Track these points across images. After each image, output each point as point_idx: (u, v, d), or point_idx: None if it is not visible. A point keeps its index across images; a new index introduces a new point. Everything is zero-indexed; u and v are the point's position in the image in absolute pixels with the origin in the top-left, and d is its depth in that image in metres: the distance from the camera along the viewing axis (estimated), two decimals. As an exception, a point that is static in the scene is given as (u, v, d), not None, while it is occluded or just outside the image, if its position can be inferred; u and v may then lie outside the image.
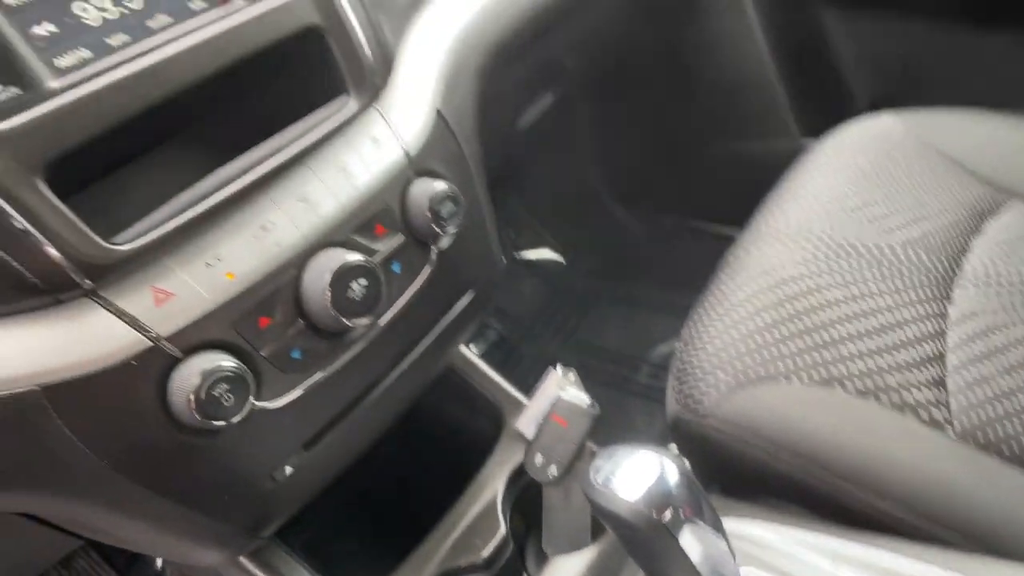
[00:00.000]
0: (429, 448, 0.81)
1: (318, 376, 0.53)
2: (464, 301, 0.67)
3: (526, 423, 0.72)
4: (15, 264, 0.40)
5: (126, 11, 0.47)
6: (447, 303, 0.65)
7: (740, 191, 1.05)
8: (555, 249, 1.73)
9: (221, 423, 0.46)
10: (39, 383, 0.42)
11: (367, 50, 0.56)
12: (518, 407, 0.76)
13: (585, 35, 1.12)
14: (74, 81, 0.43)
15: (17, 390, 0.42)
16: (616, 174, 1.56)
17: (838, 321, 0.69)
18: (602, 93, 1.40)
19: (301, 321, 0.51)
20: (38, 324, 0.42)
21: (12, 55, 0.41)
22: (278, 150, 0.50)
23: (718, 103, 1.32)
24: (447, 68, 0.66)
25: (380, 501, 0.82)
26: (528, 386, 0.76)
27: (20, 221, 0.40)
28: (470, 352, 0.81)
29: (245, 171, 0.49)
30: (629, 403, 1.32)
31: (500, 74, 0.76)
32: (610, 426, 0.75)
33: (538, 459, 0.69)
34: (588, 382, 0.74)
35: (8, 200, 0.39)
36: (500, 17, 0.72)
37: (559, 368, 0.74)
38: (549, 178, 1.59)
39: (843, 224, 0.79)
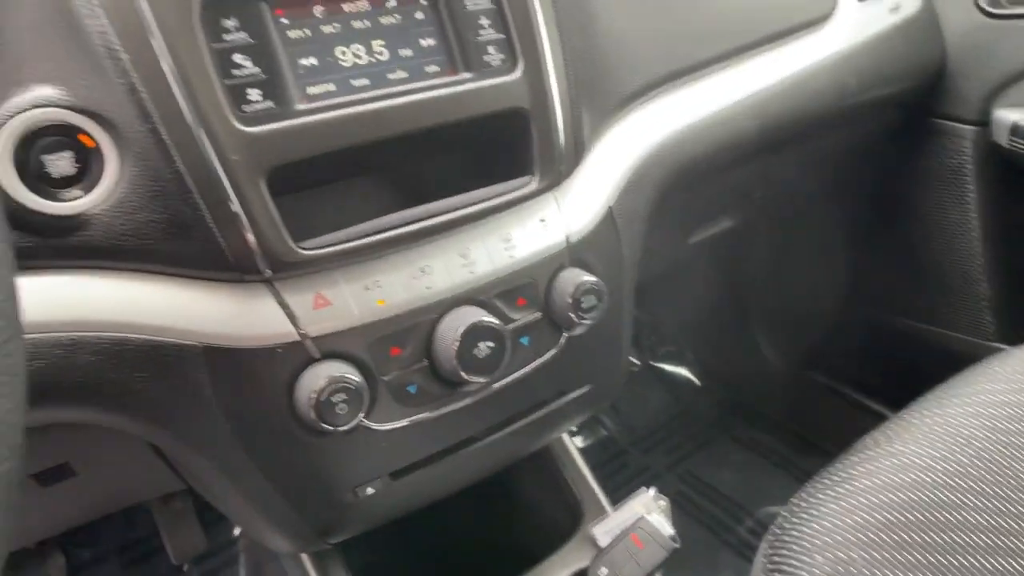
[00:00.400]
0: (501, 521, 0.81)
1: (424, 415, 0.57)
2: (579, 393, 0.68)
3: (603, 531, 0.70)
4: (220, 240, 0.48)
5: (373, 61, 0.55)
6: (561, 390, 0.67)
7: (906, 373, 0.98)
8: (692, 369, 1.69)
9: (329, 427, 0.50)
10: (202, 342, 0.49)
11: (562, 141, 0.61)
12: (600, 512, 0.75)
13: (786, 172, 1.12)
14: (317, 107, 0.51)
15: (184, 342, 0.49)
16: (776, 315, 1.51)
17: (975, 551, 0.62)
18: (786, 231, 1.37)
19: (426, 361, 0.56)
20: (217, 294, 0.50)
21: (279, 77, 0.50)
22: (456, 208, 0.56)
23: (910, 275, 1.24)
24: (630, 173, 0.69)
25: (438, 553, 0.83)
26: (619, 496, 0.75)
27: (237, 207, 0.47)
28: (571, 442, 0.81)
29: (423, 218, 0.54)
30: (719, 553, 1.24)
31: (682, 190, 0.79)
32: (690, 568, 0.72)
33: (602, 571, 0.67)
34: (684, 516, 0.72)
35: (234, 188, 0.47)
36: (697, 142, 0.75)
37: (652, 491, 0.73)
38: (706, 298, 1.58)
39: (1013, 447, 0.71)
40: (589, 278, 0.61)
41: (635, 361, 1.69)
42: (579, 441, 1.50)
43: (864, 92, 0.95)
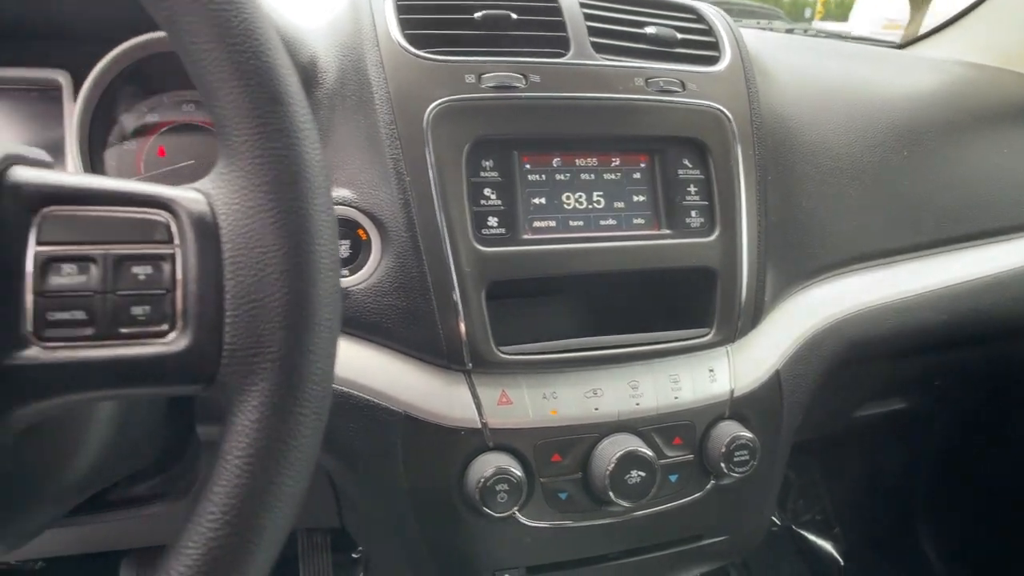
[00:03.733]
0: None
1: (569, 522, 0.63)
2: (714, 540, 0.70)
3: None
4: (440, 331, 0.58)
5: (590, 207, 0.64)
6: (699, 533, 0.69)
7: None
8: (837, 546, 1.58)
9: (488, 512, 0.57)
10: (405, 411, 0.59)
11: (743, 302, 0.66)
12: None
13: (979, 367, 1.07)
14: (539, 239, 0.61)
15: (392, 408, 0.59)
16: (945, 514, 1.39)
17: None
18: (968, 427, 1.28)
19: (581, 474, 0.62)
20: (425, 375, 0.60)
21: (514, 210, 0.61)
22: (637, 344, 0.63)
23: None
24: (803, 342, 0.73)
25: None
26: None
27: (460, 308, 0.58)
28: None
29: (607, 347, 0.62)
30: None
31: (855, 365, 0.80)
32: None
33: None
34: None
35: (461, 293, 0.58)
36: (875, 325, 0.77)
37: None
38: (867, 476, 1.49)
39: None
40: (745, 434, 0.64)
41: (776, 521, 1.61)
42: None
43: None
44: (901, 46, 1.33)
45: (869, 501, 1.53)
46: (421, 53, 0.60)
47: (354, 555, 1.23)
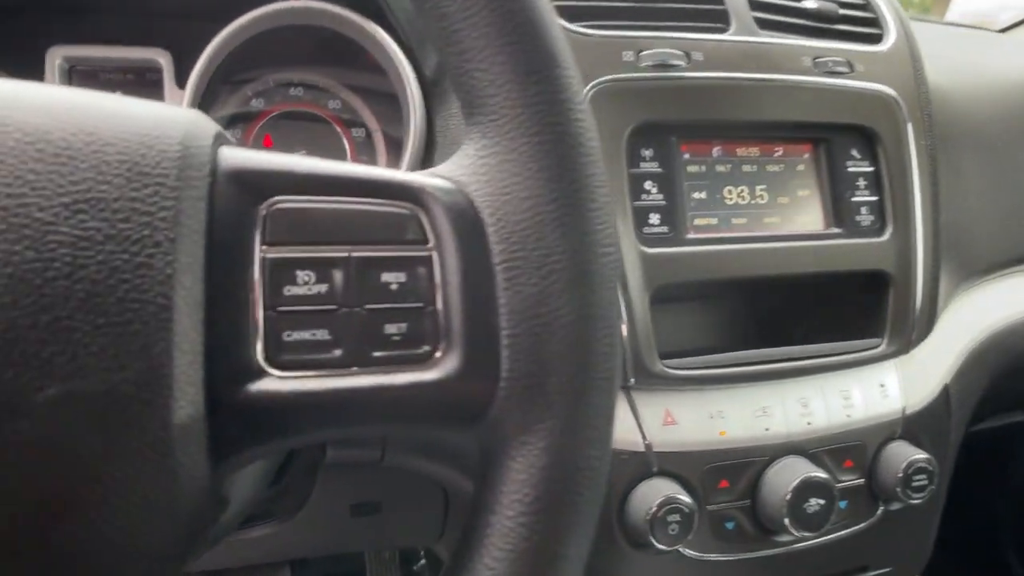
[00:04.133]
0: None
1: (733, 554, 0.56)
2: (878, 572, 0.63)
3: None
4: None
5: (753, 203, 0.58)
6: (864, 564, 0.63)
7: None
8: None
9: (655, 544, 0.51)
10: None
11: (918, 309, 0.59)
12: None
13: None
14: (703, 238, 0.55)
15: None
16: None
17: None
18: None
19: (749, 501, 0.55)
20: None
21: (676, 206, 0.54)
22: (806, 356, 0.56)
23: None
24: (968, 353, 0.66)
25: None
26: None
27: (623, 317, 0.51)
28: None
29: (776, 360, 0.55)
30: None
31: (1004, 377, 0.73)
32: None
33: None
34: None
35: (624, 300, 0.51)
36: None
37: None
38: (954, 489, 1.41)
39: None
40: (922, 455, 0.57)
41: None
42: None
43: None
44: (1001, 31, 1.26)
45: (948, 510, 1.46)
46: (573, 27, 0.54)
47: (415, 568, 1.18)
